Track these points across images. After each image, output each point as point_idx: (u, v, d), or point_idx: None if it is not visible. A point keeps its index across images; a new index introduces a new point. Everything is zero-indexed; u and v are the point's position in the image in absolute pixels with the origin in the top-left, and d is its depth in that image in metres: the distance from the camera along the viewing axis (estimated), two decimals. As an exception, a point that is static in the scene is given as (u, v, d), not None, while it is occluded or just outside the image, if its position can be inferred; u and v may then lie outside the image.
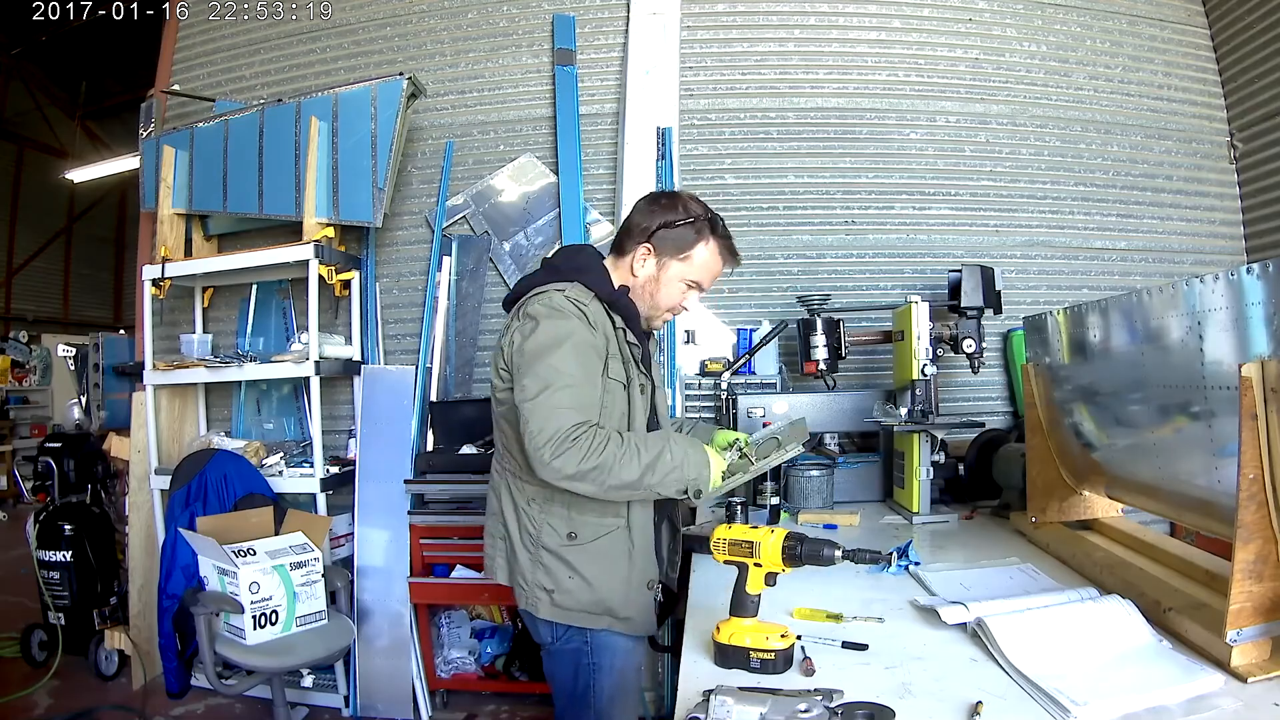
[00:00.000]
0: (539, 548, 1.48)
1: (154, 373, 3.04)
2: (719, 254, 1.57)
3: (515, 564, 1.51)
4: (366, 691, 2.87)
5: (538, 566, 1.48)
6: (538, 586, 1.48)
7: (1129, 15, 3.27)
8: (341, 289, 3.06)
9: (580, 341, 1.40)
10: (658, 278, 1.55)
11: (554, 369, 1.36)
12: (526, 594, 1.50)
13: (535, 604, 1.49)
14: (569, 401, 1.34)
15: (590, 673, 1.51)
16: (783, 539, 1.23)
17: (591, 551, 1.47)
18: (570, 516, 1.47)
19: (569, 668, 1.53)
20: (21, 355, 8.51)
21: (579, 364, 1.38)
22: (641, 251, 1.54)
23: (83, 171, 7.90)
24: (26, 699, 3.03)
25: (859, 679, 1.15)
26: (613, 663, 1.52)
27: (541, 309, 1.42)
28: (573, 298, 1.44)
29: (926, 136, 3.20)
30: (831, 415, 2.69)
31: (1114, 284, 3.13)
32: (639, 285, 1.56)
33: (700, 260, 1.55)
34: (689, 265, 1.55)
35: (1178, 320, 1.31)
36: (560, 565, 1.47)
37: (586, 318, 1.43)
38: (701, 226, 1.54)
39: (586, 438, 1.32)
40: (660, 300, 1.57)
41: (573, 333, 1.40)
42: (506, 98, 3.31)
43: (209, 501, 2.66)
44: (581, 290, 1.47)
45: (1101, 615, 1.24)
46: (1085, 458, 1.78)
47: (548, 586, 1.47)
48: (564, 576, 1.47)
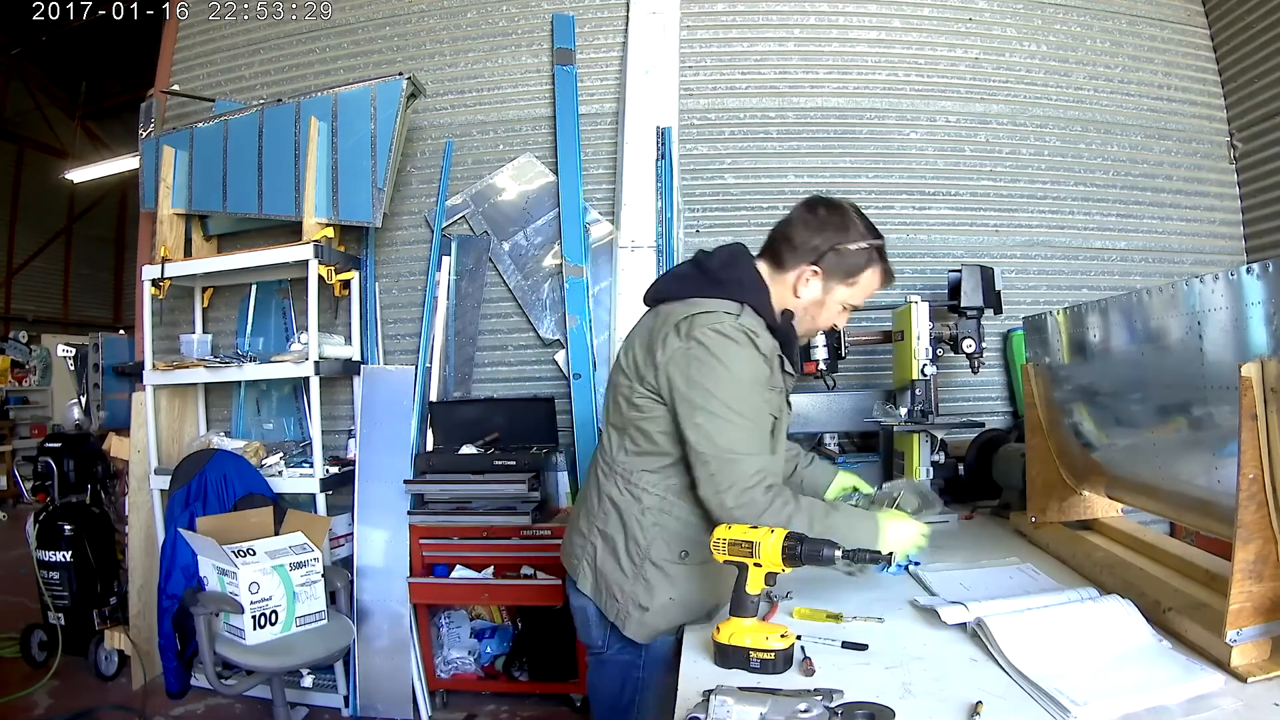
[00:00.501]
0: (645, 561, 1.40)
1: (154, 373, 3.04)
2: (881, 278, 1.48)
3: (611, 573, 1.43)
4: (366, 691, 2.87)
5: (639, 580, 1.40)
6: (633, 602, 1.40)
7: (1129, 15, 3.27)
8: (341, 289, 3.06)
9: (754, 377, 1.34)
10: (822, 301, 1.45)
11: (729, 408, 1.30)
12: (619, 607, 1.41)
13: (624, 619, 1.41)
14: (746, 444, 1.31)
15: (636, 688, 1.45)
16: (782, 539, 1.23)
17: (698, 572, 1.40)
18: (685, 535, 1.40)
19: (616, 680, 1.46)
20: (21, 355, 8.51)
21: (752, 401, 1.34)
22: (808, 273, 1.43)
23: (83, 171, 7.91)
24: (26, 699, 3.03)
25: (859, 679, 1.15)
26: (662, 678, 1.42)
27: (714, 337, 1.32)
28: (747, 328, 1.34)
29: (926, 136, 3.20)
30: (831, 415, 2.69)
31: (1114, 284, 3.13)
32: (800, 307, 1.45)
33: (865, 285, 1.46)
34: (854, 290, 1.46)
35: (1178, 320, 1.30)
36: (664, 582, 1.39)
37: (759, 350, 1.35)
38: (873, 254, 1.44)
39: (771, 494, 1.30)
40: (820, 322, 1.50)
41: (748, 367, 1.33)
42: (506, 97, 3.31)
43: (209, 501, 2.66)
44: (754, 318, 1.38)
45: (1101, 615, 1.24)
46: (1085, 458, 1.78)
47: (644, 604, 1.40)
48: (664, 595, 1.39)
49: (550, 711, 2.88)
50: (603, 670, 1.48)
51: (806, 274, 1.43)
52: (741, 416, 1.31)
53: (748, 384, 1.33)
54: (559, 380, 3.14)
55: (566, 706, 2.86)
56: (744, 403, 1.32)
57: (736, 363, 1.32)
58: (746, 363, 1.33)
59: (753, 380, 1.34)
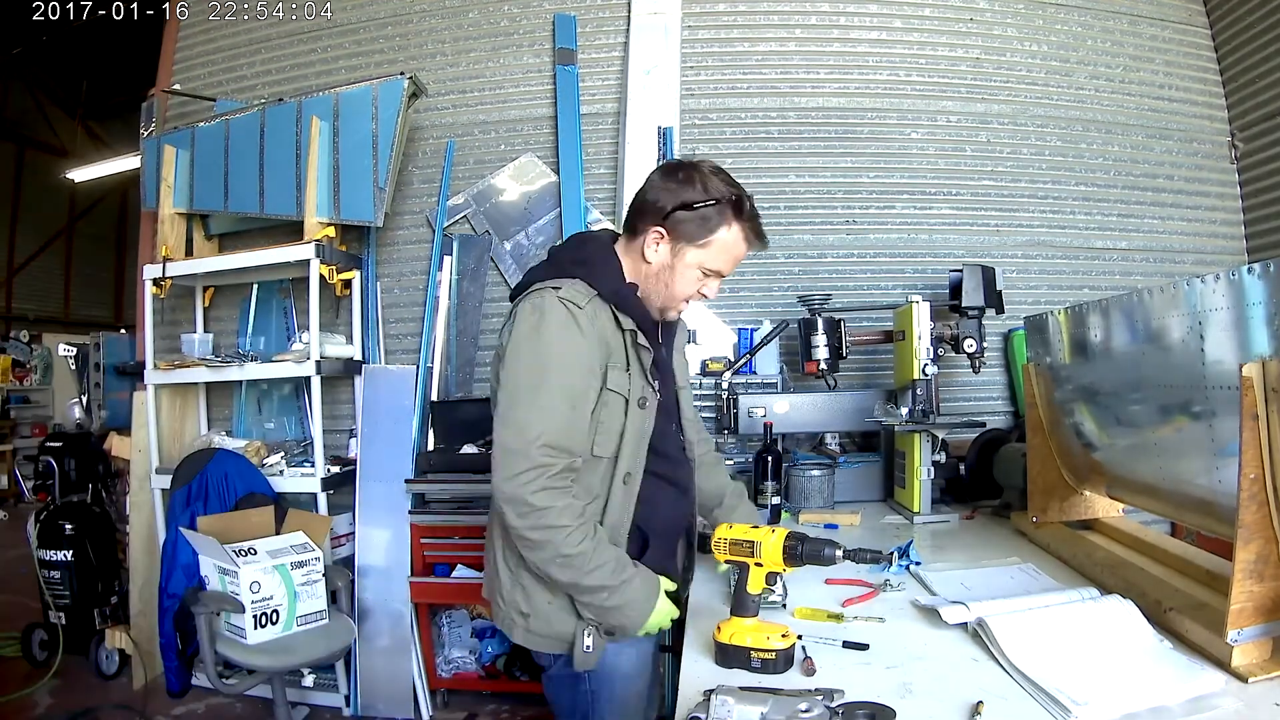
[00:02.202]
0: (520, 568, 1.31)
1: (155, 372, 3.04)
2: (743, 238, 1.36)
3: (496, 583, 1.37)
4: (367, 691, 2.87)
5: (516, 587, 1.33)
6: (514, 609, 1.33)
7: (1130, 15, 3.27)
8: (342, 288, 3.06)
9: (567, 350, 1.24)
10: (672, 265, 1.34)
11: (528, 382, 1.22)
12: (503, 614, 1.36)
13: (510, 627, 1.35)
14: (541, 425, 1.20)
15: (588, 701, 1.37)
16: (783, 539, 1.24)
17: None
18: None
19: (566, 696, 1.39)
20: (22, 355, 8.52)
21: (561, 375, 1.23)
22: (653, 235, 1.33)
23: (83, 171, 7.92)
24: (27, 698, 3.04)
25: (860, 679, 1.15)
26: (613, 689, 1.36)
27: (528, 310, 1.26)
28: (565, 298, 1.25)
29: (927, 136, 3.20)
30: (832, 415, 2.69)
31: (1115, 284, 3.13)
32: (651, 273, 1.36)
33: (721, 246, 1.34)
34: (708, 252, 1.34)
35: (1178, 320, 1.30)
36: (540, 588, 1.30)
37: (577, 322, 1.24)
38: (724, 209, 1.32)
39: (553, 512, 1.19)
40: (676, 290, 1.37)
41: (559, 339, 1.24)
42: (507, 97, 3.31)
43: (210, 501, 2.66)
44: (579, 289, 1.28)
45: (1102, 615, 1.24)
46: (1086, 457, 1.78)
47: (524, 610, 1.32)
48: (543, 601, 1.30)
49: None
50: (551, 685, 1.42)
51: (652, 236, 1.34)
52: (536, 390, 1.21)
53: (558, 358, 1.23)
54: (560, 380, 3.13)
55: (567, 706, 2.86)
56: (543, 375, 1.22)
57: (545, 334, 1.23)
58: (558, 334, 1.23)
59: (561, 353, 1.23)
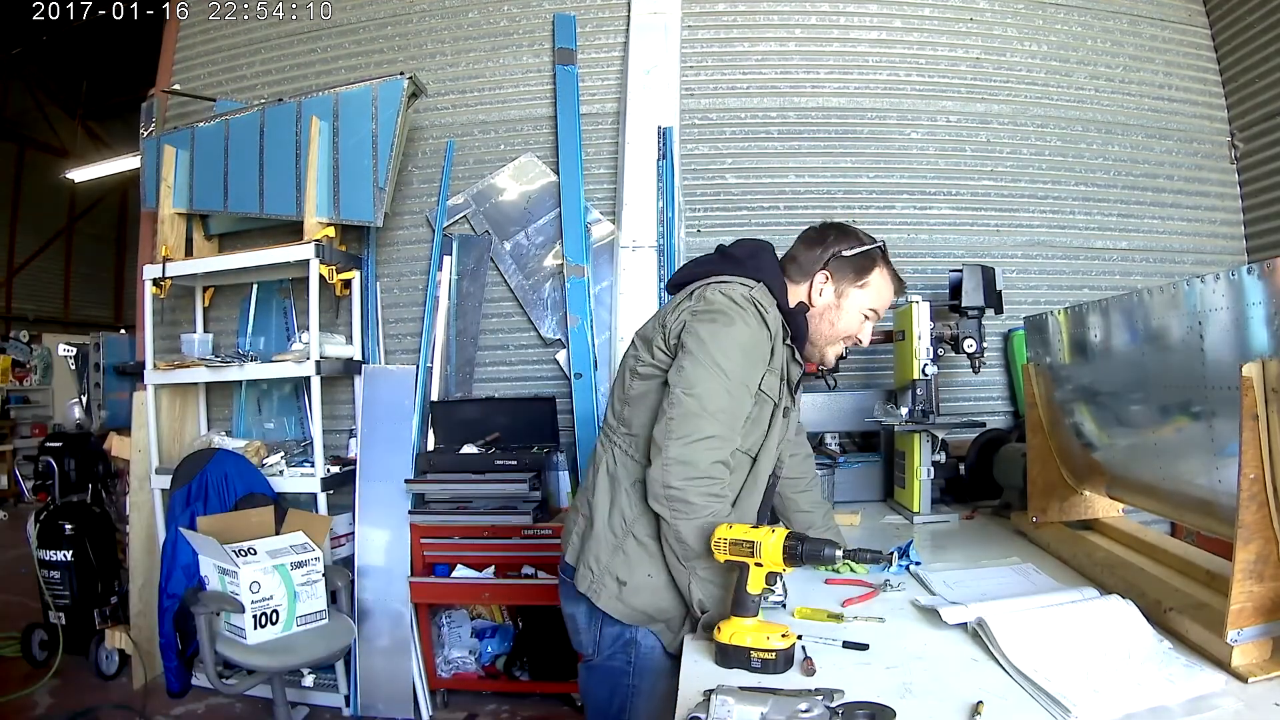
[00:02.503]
0: (628, 534, 1.37)
1: (155, 372, 3.04)
2: (891, 281, 1.51)
3: (591, 545, 1.40)
4: (367, 691, 2.87)
5: (618, 553, 1.37)
6: (610, 574, 1.37)
7: (1130, 15, 3.27)
8: (342, 288, 3.06)
9: (751, 345, 1.34)
10: (838, 305, 1.48)
11: (716, 363, 1.30)
12: (594, 579, 1.38)
13: (598, 591, 1.37)
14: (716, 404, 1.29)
15: (627, 694, 1.41)
16: (783, 539, 1.23)
17: None
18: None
19: (605, 687, 1.43)
20: (22, 355, 8.51)
21: (741, 367, 1.32)
22: (820, 279, 1.48)
23: (83, 171, 7.90)
24: (27, 698, 3.03)
25: (860, 679, 1.15)
26: (654, 686, 1.40)
27: (722, 299, 1.35)
28: (756, 299, 1.37)
29: (927, 136, 3.20)
30: (832, 415, 2.69)
31: (1115, 284, 3.13)
32: (817, 313, 1.49)
33: (876, 286, 1.50)
34: (868, 292, 1.49)
35: (1178, 320, 1.30)
36: (644, 558, 1.36)
37: (766, 323, 1.36)
38: (874, 253, 1.49)
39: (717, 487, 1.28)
40: (840, 328, 1.50)
41: (746, 334, 1.34)
42: (507, 97, 3.31)
43: (209, 501, 2.67)
44: (766, 295, 1.40)
45: (1102, 615, 1.24)
46: (1086, 458, 1.78)
47: (621, 578, 1.36)
48: (643, 572, 1.36)
49: (551, 711, 2.88)
50: (592, 676, 1.46)
51: (818, 279, 1.48)
52: (725, 376, 1.30)
53: (741, 349, 1.33)
54: (560, 380, 3.14)
55: (568, 706, 2.86)
56: (732, 364, 1.31)
57: (736, 326, 1.33)
58: (746, 329, 1.33)
59: (748, 348, 1.34)
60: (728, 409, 1.30)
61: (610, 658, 1.41)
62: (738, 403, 1.32)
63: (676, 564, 1.32)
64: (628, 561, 1.37)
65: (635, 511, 1.37)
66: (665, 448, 1.27)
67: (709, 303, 1.35)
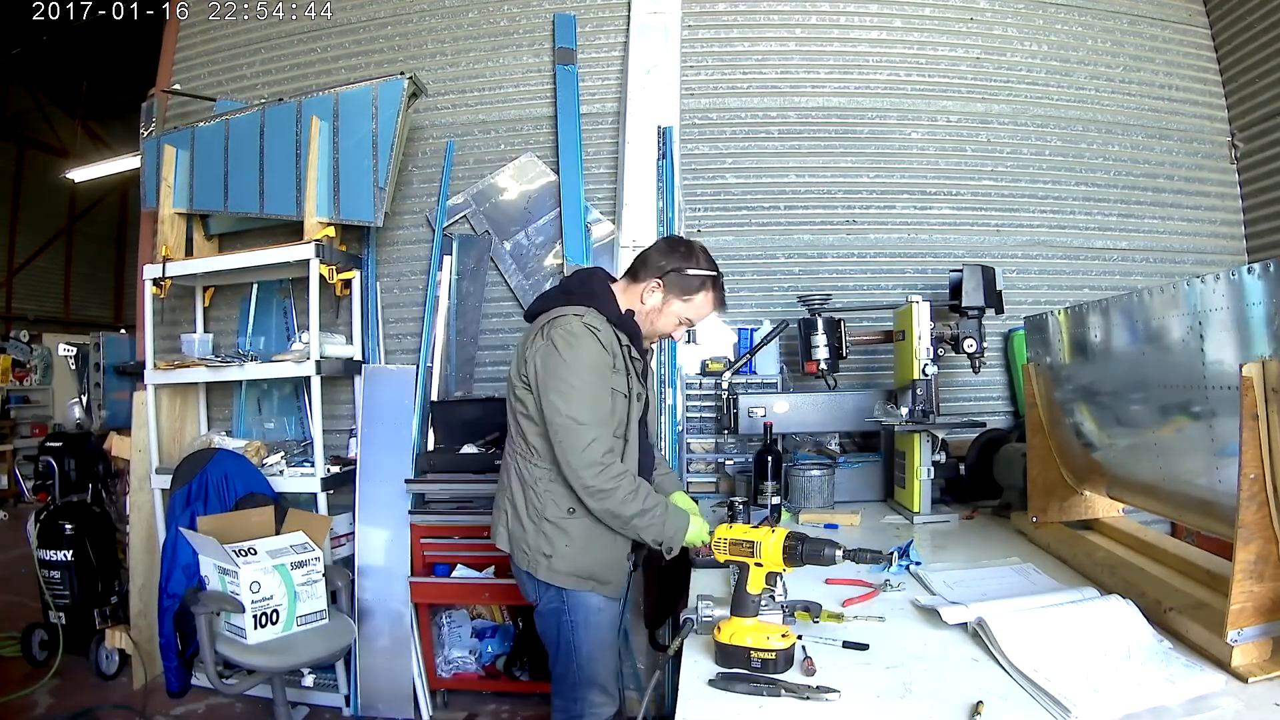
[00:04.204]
0: (542, 519, 1.73)
1: (155, 372, 3.04)
2: (713, 303, 1.85)
3: (520, 533, 1.77)
4: (367, 691, 2.87)
5: (540, 535, 1.73)
6: (538, 552, 1.73)
7: (1130, 15, 3.27)
8: (342, 288, 3.06)
9: (594, 362, 1.66)
10: (660, 310, 1.82)
11: (572, 386, 1.64)
12: (529, 557, 1.74)
13: (535, 565, 1.74)
14: (585, 416, 1.63)
15: (570, 629, 1.76)
16: (783, 539, 1.24)
17: (585, 524, 1.71)
18: (570, 494, 1.70)
19: (553, 625, 1.78)
20: (22, 355, 8.51)
21: (594, 382, 1.66)
22: (653, 285, 1.80)
23: (83, 171, 7.91)
24: (27, 698, 3.03)
25: (860, 678, 1.15)
26: (588, 618, 1.75)
27: (563, 334, 1.67)
28: (589, 324, 1.69)
29: (928, 136, 3.20)
30: (832, 415, 2.69)
31: (1115, 284, 3.13)
32: (643, 311, 1.82)
33: (698, 304, 1.83)
34: (688, 306, 1.82)
35: (1179, 320, 1.31)
36: (559, 534, 1.72)
37: (599, 340, 1.68)
38: (706, 281, 1.81)
39: (615, 469, 1.64)
40: (657, 327, 1.84)
41: (588, 354, 1.66)
42: (507, 97, 3.31)
43: (210, 501, 2.66)
44: (596, 316, 1.72)
45: (1102, 615, 1.24)
46: (1086, 458, 1.78)
47: (546, 552, 1.72)
48: (561, 544, 1.72)
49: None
50: (542, 619, 1.81)
51: (652, 285, 1.81)
52: (582, 393, 1.64)
53: (589, 368, 1.66)
54: (560, 380, 3.13)
55: (567, 706, 2.86)
56: (585, 382, 1.65)
57: (579, 352, 1.66)
58: (587, 352, 1.66)
59: (594, 365, 1.67)
60: (594, 414, 1.65)
61: (549, 601, 1.77)
62: (601, 406, 1.67)
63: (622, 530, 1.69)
64: (548, 539, 1.73)
65: (542, 501, 1.73)
66: (568, 462, 1.63)
67: (554, 340, 1.67)
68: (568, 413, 1.63)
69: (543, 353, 1.69)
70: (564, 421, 1.63)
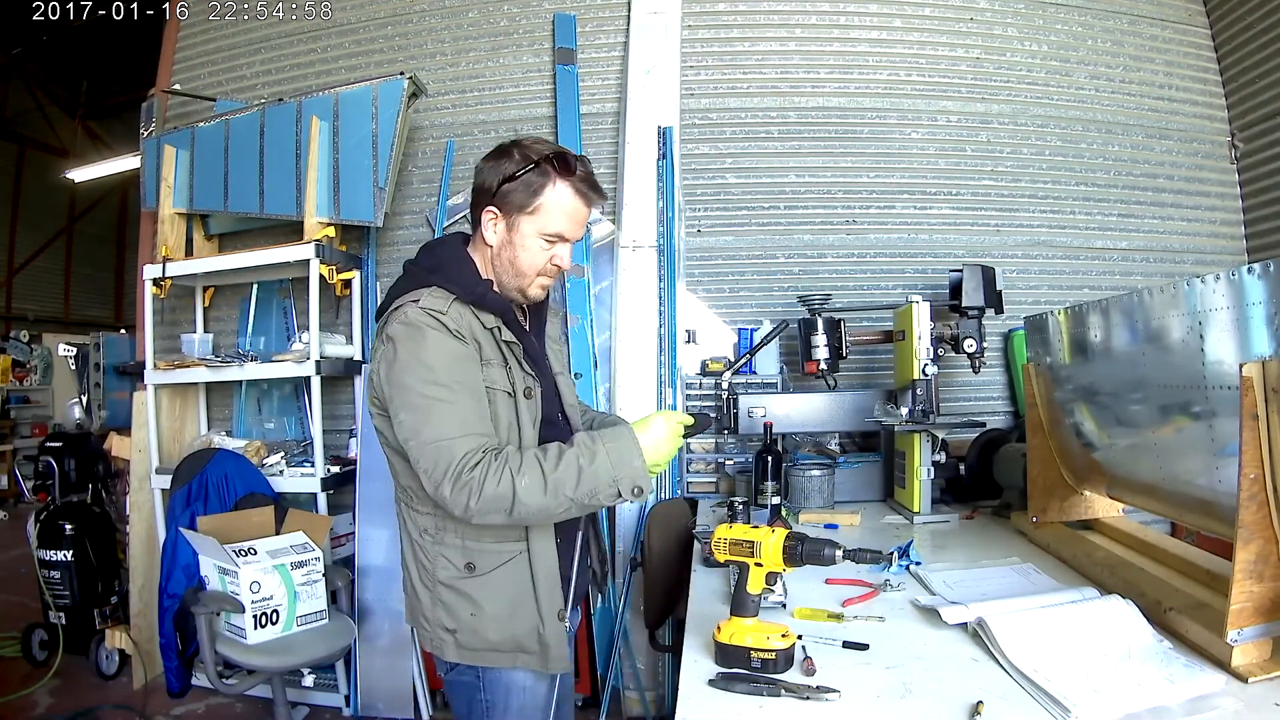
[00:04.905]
0: (436, 584, 1.33)
1: (155, 372, 3.04)
2: (574, 193, 1.33)
3: (416, 603, 1.38)
4: (367, 691, 2.87)
5: (437, 605, 1.33)
6: (440, 627, 1.34)
7: (1130, 15, 3.27)
8: (342, 288, 3.06)
9: (445, 356, 1.25)
10: (511, 240, 1.35)
11: (425, 395, 1.22)
12: (429, 635, 1.36)
13: (441, 647, 1.35)
14: (452, 427, 1.21)
15: (484, 712, 1.37)
16: (783, 539, 1.24)
17: (492, 582, 1.31)
18: (465, 546, 1.32)
19: (464, 703, 1.39)
20: (22, 355, 8.51)
21: (451, 379, 1.24)
22: (488, 216, 1.35)
23: (83, 171, 7.91)
24: (27, 698, 3.04)
25: (859, 678, 1.15)
26: (508, 701, 1.35)
27: (398, 329, 1.27)
28: (427, 308, 1.27)
29: (928, 136, 3.20)
30: (832, 415, 2.69)
31: (1115, 284, 3.13)
32: (494, 254, 1.37)
33: (553, 207, 1.32)
34: (540, 217, 1.33)
35: (1179, 320, 1.31)
36: (461, 601, 1.32)
37: (447, 328, 1.26)
38: (545, 169, 1.31)
39: (483, 466, 1.18)
40: (522, 265, 1.36)
41: (438, 349, 1.25)
42: (507, 97, 3.31)
43: (210, 501, 2.66)
44: (437, 296, 1.29)
45: (1102, 615, 1.24)
46: (1086, 458, 1.78)
47: (449, 626, 1.33)
48: (465, 613, 1.32)
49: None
50: (450, 691, 1.42)
51: (486, 218, 1.35)
52: (440, 401, 1.22)
53: (443, 365, 1.24)
54: (560, 380, 3.13)
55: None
56: (438, 388, 1.23)
57: (424, 348, 1.24)
58: (435, 345, 1.25)
59: (448, 360, 1.25)
60: (460, 425, 1.22)
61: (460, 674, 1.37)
62: (467, 409, 1.24)
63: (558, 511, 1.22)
64: (449, 610, 1.33)
65: (432, 560, 1.34)
66: (441, 494, 1.19)
67: (391, 341, 1.27)
68: (430, 434, 1.20)
69: (381, 362, 1.28)
70: (423, 447, 1.21)
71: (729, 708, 1.09)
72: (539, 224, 1.33)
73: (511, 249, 1.35)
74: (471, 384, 1.27)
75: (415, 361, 1.24)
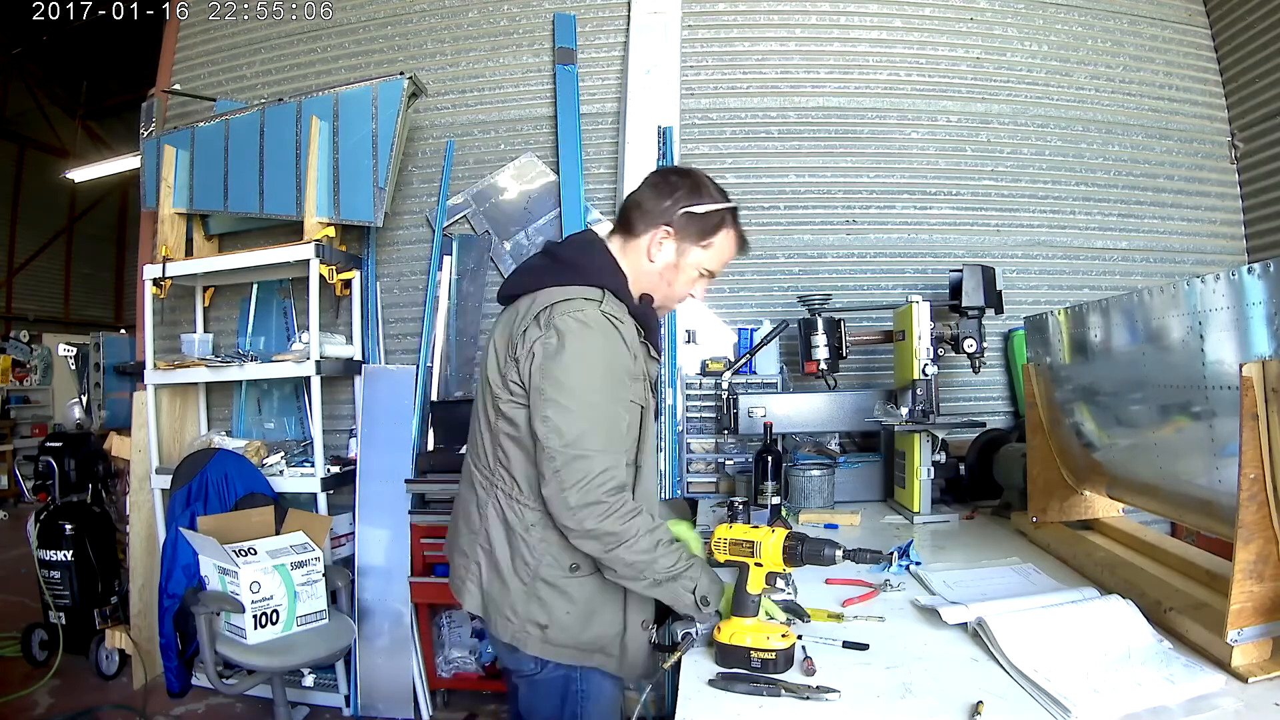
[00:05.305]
0: (536, 579, 1.32)
1: (155, 372, 3.04)
2: (736, 243, 1.45)
3: (502, 594, 1.35)
4: (367, 691, 2.87)
5: (532, 599, 1.32)
6: (530, 621, 1.32)
7: (1130, 15, 3.27)
8: (342, 288, 3.06)
9: (614, 366, 1.27)
10: (676, 265, 1.40)
11: (581, 400, 1.23)
12: (515, 627, 1.33)
13: (524, 639, 1.33)
14: (599, 440, 1.23)
15: (578, 701, 1.37)
16: (783, 539, 1.24)
17: (591, 585, 1.33)
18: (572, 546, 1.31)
19: (555, 698, 1.38)
20: (22, 355, 8.52)
21: (609, 390, 1.26)
22: (661, 235, 1.39)
23: (84, 171, 7.90)
24: (27, 698, 3.04)
25: (859, 678, 1.15)
26: (601, 690, 1.39)
27: (572, 324, 1.25)
28: (609, 314, 1.28)
29: (928, 136, 3.20)
30: (832, 415, 2.69)
31: (1115, 284, 3.13)
32: (655, 271, 1.40)
33: (720, 248, 1.43)
34: (709, 254, 1.42)
35: (1179, 320, 1.30)
36: (559, 599, 1.32)
37: (623, 338, 1.29)
38: (726, 216, 1.41)
39: (621, 499, 1.23)
40: (678, 289, 1.44)
41: (607, 356, 1.27)
42: (507, 97, 3.31)
43: (210, 501, 2.66)
44: (616, 304, 1.32)
45: (1102, 615, 1.24)
46: (1086, 458, 1.78)
47: (542, 622, 1.32)
48: (561, 611, 1.32)
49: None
50: (537, 690, 1.39)
51: (660, 235, 1.39)
52: (594, 410, 1.24)
53: (604, 374, 1.26)
54: (560, 380, 3.13)
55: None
56: (599, 395, 1.25)
57: (594, 351, 1.25)
58: (606, 351, 1.27)
59: (611, 370, 1.27)
60: (607, 439, 1.25)
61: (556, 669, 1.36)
62: (615, 427, 1.27)
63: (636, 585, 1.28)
64: (544, 605, 1.32)
65: (537, 557, 1.32)
66: (565, 499, 1.21)
67: (561, 334, 1.25)
68: (573, 438, 1.22)
69: (542, 351, 1.25)
70: (565, 450, 1.22)
71: (729, 708, 1.08)
72: (705, 258, 1.42)
73: (674, 272, 1.42)
74: (624, 398, 1.30)
75: (580, 363, 1.24)
